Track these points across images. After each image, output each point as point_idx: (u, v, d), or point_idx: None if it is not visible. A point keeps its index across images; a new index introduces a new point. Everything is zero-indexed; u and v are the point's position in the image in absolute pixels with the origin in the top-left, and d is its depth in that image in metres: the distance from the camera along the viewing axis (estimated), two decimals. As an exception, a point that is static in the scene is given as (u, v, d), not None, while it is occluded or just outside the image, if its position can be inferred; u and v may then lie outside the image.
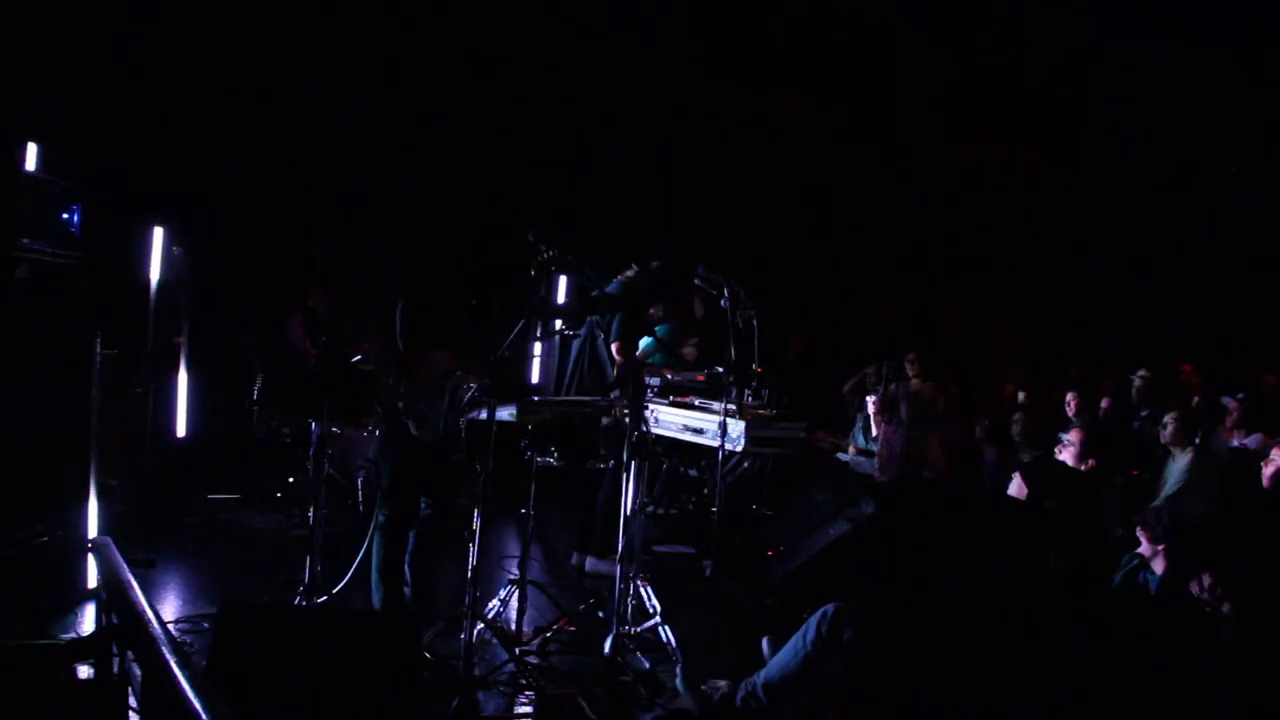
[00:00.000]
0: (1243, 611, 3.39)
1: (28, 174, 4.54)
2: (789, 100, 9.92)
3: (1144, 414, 7.36)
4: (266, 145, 7.20)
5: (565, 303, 5.73)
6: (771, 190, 9.87)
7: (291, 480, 6.60)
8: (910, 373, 8.14)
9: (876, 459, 7.25)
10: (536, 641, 4.41)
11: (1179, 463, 5.65)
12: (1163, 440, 5.80)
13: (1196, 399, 7.53)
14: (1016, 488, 4.37)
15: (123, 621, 2.44)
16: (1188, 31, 9.14)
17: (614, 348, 5.93)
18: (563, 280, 8.17)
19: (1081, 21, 9.48)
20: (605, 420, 4.89)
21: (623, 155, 8.90)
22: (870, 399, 7.85)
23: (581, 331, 6.02)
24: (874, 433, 7.75)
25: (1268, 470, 4.70)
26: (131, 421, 5.87)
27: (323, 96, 7.52)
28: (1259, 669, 3.31)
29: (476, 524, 3.89)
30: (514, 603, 4.43)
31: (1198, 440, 5.72)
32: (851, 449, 7.76)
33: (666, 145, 9.22)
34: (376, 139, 7.68)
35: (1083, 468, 4.53)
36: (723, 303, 5.59)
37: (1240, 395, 7.75)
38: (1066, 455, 4.60)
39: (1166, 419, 5.78)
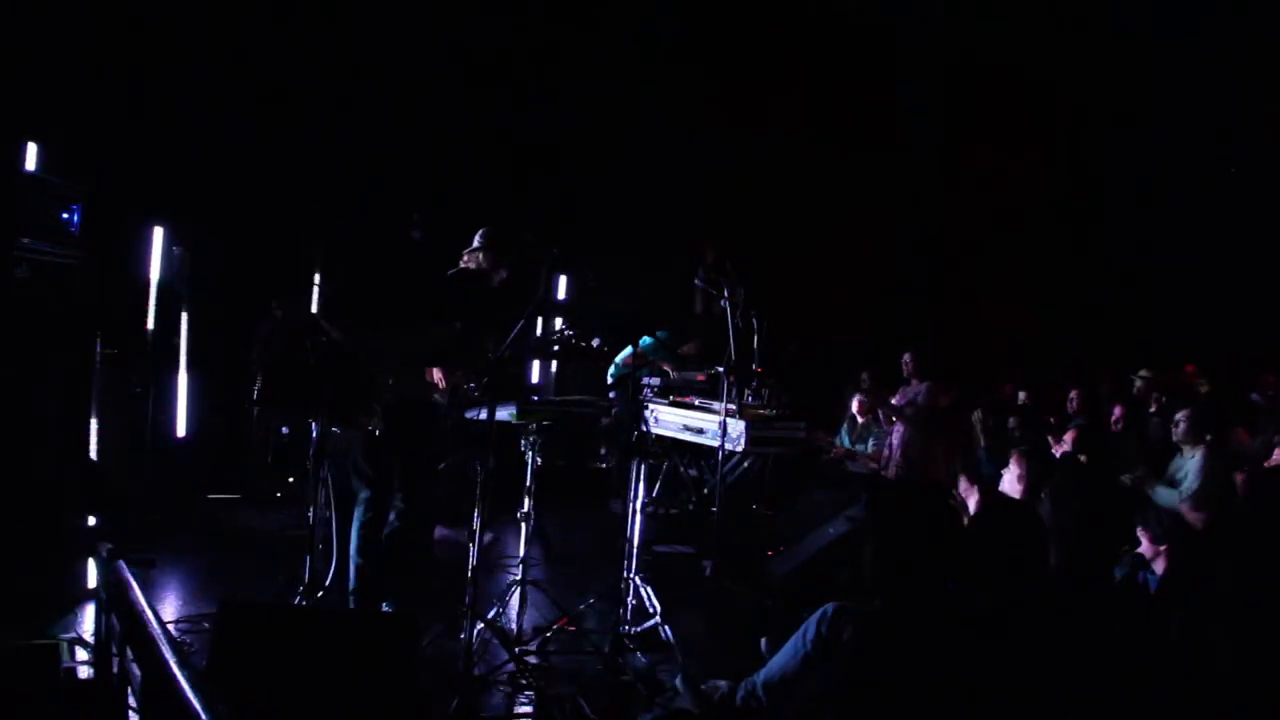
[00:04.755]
0: (1241, 612, 3.39)
1: (28, 174, 4.54)
2: (788, 100, 9.92)
3: (1147, 414, 7.34)
4: (266, 145, 7.20)
5: (567, 301, 5.67)
6: (770, 190, 9.87)
7: (291, 480, 6.60)
8: (906, 373, 8.12)
9: (882, 458, 7.26)
10: (536, 641, 4.41)
11: (1191, 461, 5.61)
12: (1174, 438, 5.76)
13: (1206, 396, 7.50)
14: (1010, 484, 4.35)
15: (123, 621, 2.44)
16: (1188, 31, 9.15)
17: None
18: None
19: (1082, 22, 9.48)
20: (605, 420, 4.89)
21: (621, 155, 8.90)
22: (856, 399, 7.85)
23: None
24: (859, 433, 7.75)
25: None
26: (131, 421, 5.87)
27: (322, 96, 7.52)
28: (1257, 669, 3.31)
29: (477, 523, 3.90)
30: (514, 603, 4.43)
31: (1209, 438, 5.68)
32: (837, 449, 7.75)
33: (664, 146, 9.22)
34: (376, 139, 7.68)
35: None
36: (722, 303, 5.60)
37: (1255, 395, 7.73)
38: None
39: (1178, 416, 5.72)
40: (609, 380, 7.06)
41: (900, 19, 9.84)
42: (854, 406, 7.82)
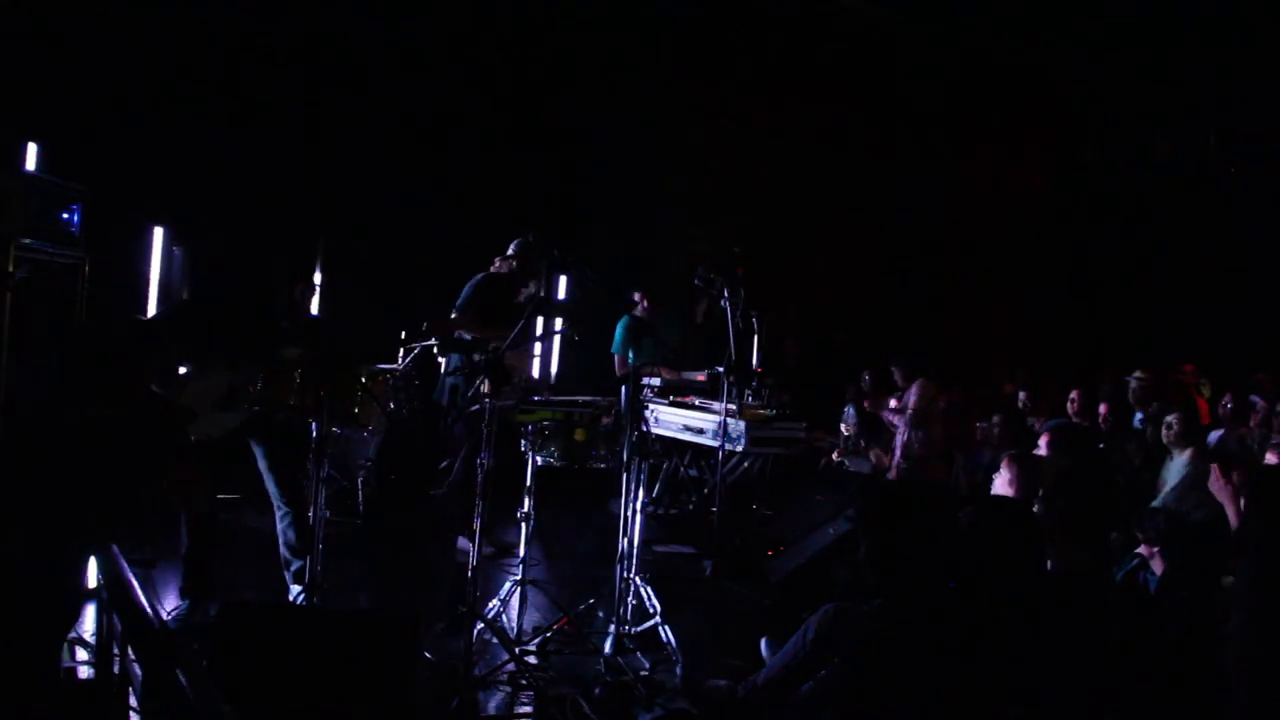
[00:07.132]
0: (1245, 612, 3.39)
1: (28, 174, 4.54)
2: (787, 100, 9.92)
3: (1142, 415, 7.33)
4: (266, 145, 7.19)
5: (567, 301, 5.68)
6: (770, 190, 9.87)
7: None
8: (899, 381, 8.11)
9: (887, 459, 7.27)
10: (536, 641, 4.41)
11: (1177, 461, 5.61)
12: (1165, 441, 5.76)
13: (1202, 398, 7.49)
14: (1001, 489, 4.34)
15: (123, 621, 2.44)
16: (1187, 30, 9.15)
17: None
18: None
19: (1082, 21, 9.48)
20: (605, 420, 4.88)
21: (620, 156, 8.89)
22: (848, 419, 7.87)
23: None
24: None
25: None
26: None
27: (322, 96, 7.51)
28: (1259, 669, 3.30)
29: (478, 523, 3.91)
30: (514, 603, 4.43)
31: (1200, 441, 5.67)
32: (840, 450, 7.77)
33: (664, 146, 9.22)
34: (377, 138, 7.67)
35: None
36: (723, 303, 5.60)
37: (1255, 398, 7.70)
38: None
39: (1170, 419, 5.72)
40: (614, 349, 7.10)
41: (900, 19, 9.83)
42: (845, 428, 7.82)
